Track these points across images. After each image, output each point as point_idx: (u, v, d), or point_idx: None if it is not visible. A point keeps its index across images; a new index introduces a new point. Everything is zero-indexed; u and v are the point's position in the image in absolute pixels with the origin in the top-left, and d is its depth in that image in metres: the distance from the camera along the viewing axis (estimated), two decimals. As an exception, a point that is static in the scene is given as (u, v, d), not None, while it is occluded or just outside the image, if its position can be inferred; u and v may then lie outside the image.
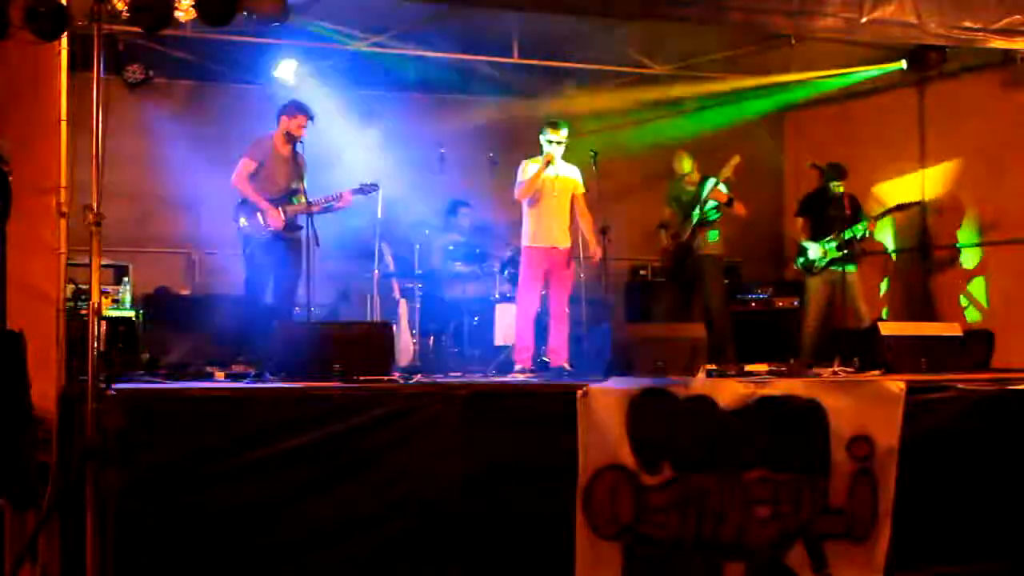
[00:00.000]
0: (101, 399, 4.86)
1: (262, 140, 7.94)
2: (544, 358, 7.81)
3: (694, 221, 8.81)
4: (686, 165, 9.06)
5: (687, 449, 5.73)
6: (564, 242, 7.78)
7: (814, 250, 8.86)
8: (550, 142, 7.72)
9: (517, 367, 7.58)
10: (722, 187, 8.71)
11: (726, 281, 9.26)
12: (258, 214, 7.75)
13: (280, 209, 7.78)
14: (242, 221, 7.80)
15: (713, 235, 8.86)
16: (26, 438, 4.77)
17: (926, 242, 9.85)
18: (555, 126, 7.75)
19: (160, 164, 9.42)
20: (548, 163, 7.66)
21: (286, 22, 6.82)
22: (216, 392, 5.68)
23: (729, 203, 8.72)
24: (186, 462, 5.10)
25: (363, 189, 8.25)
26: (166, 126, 9.65)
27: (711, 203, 8.75)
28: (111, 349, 7.10)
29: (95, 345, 4.91)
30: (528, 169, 7.74)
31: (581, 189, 7.86)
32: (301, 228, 7.77)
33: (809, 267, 8.92)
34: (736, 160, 8.65)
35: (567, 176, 7.82)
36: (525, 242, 7.81)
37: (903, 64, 9.06)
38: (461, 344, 8.99)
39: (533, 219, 7.76)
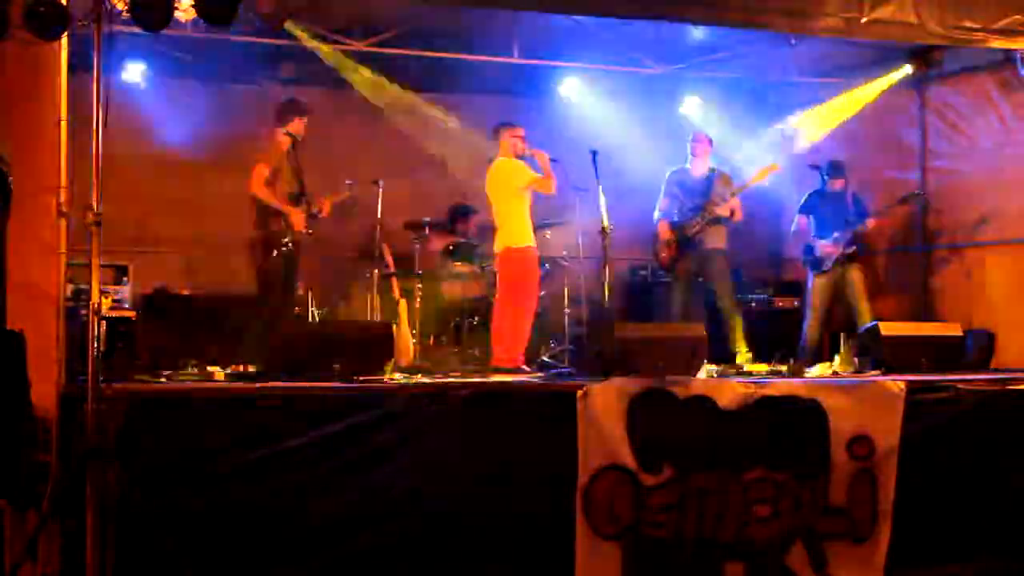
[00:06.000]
0: (101, 399, 4.87)
1: (271, 144, 7.92)
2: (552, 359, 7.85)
3: (708, 216, 8.47)
4: (704, 146, 8.68)
5: (687, 449, 5.73)
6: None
7: (818, 249, 8.85)
8: (523, 138, 7.80)
9: (517, 367, 7.59)
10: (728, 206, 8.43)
11: None
12: (283, 218, 7.73)
13: (300, 210, 7.77)
14: (269, 225, 7.76)
15: (720, 229, 8.57)
16: (26, 438, 4.77)
17: (926, 242, 9.85)
18: (515, 124, 7.87)
19: (160, 164, 9.41)
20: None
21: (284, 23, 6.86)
22: (216, 392, 5.68)
23: (730, 216, 8.43)
24: (186, 462, 5.10)
25: (348, 188, 8.29)
26: (166, 126, 9.65)
27: (718, 208, 8.43)
28: (111, 349, 7.10)
29: (95, 345, 4.91)
30: (503, 174, 7.81)
31: None
32: (311, 228, 7.81)
33: (815, 266, 8.90)
34: (774, 167, 8.38)
35: None
36: (523, 242, 7.77)
37: (908, 69, 9.06)
38: (461, 344, 8.99)
39: (524, 218, 7.78)
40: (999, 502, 6.35)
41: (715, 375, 6.92)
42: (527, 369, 7.59)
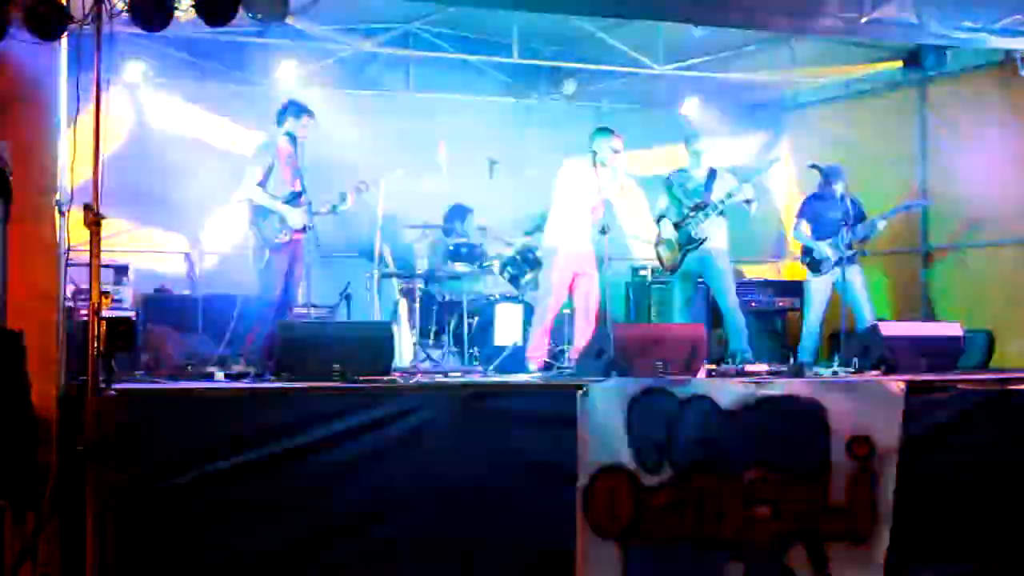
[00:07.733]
0: (101, 399, 4.86)
1: (267, 145, 7.92)
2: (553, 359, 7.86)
3: (710, 214, 8.37)
4: (703, 146, 8.65)
5: (687, 449, 5.73)
6: (589, 246, 7.88)
7: (819, 250, 8.84)
8: (615, 151, 7.74)
9: (533, 366, 7.61)
10: (750, 187, 8.36)
11: None
12: (276, 218, 7.72)
13: (297, 211, 7.76)
14: (263, 226, 7.75)
15: (721, 229, 8.48)
16: (26, 438, 4.76)
17: (926, 242, 9.85)
18: (615, 134, 7.77)
19: (161, 164, 9.42)
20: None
21: (284, 22, 6.84)
22: (216, 392, 5.68)
23: (748, 203, 8.37)
24: (186, 462, 5.10)
25: (358, 188, 8.30)
26: (166, 126, 9.65)
27: (732, 197, 8.30)
28: (111, 349, 7.09)
29: (95, 345, 4.91)
30: (575, 173, 7.81)
31: None
32: (312, 228, 7.81)
33: (816, 267, 8.89)
34: (777, 165, 8.41)
35: None
36: (550, 243, 7.83)
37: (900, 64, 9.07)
38: (461, 344, 8.98)
39: (564, 220, 7.79)
40: (999, 502, 6.34)
41: (715, 375, 6.92)
42: (536, 368, 7.59)
